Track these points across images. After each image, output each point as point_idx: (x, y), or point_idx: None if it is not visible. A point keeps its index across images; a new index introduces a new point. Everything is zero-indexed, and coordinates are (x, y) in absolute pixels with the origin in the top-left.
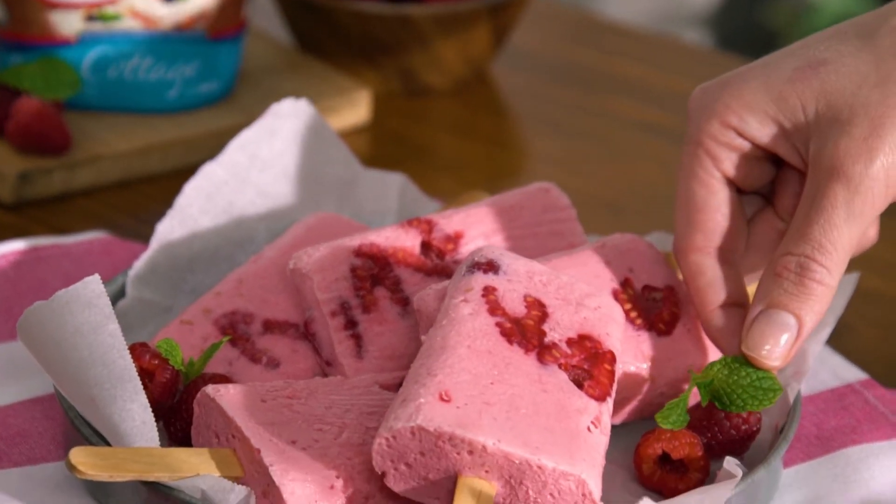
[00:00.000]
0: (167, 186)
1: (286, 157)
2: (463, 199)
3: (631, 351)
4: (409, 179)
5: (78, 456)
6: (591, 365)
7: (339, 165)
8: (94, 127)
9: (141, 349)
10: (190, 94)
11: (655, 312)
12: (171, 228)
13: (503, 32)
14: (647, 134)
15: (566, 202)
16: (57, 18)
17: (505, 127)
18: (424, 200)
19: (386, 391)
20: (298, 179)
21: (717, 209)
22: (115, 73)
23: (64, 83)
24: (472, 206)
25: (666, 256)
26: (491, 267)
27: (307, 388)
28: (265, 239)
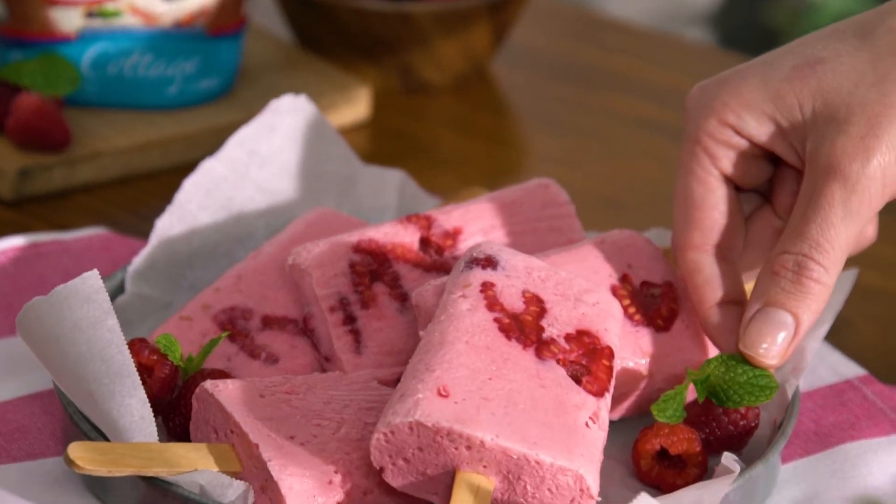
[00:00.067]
0: (167, 183)
1: (285, 153)
2: (462, 195)
3: (629, 347)
4: (408, 176)
5: (76, 451)
6: (589, 360)
7: (338, 162)
8: (94, 123)
9: (140, 345)
10: (190, 90)
11: (654, 308)
12: (170, 224)
13: (503, 30)
14: (646, 131)
15: (565, 198)
16: (57, 15)
17: (505, 124)
18: (423, 197)
19: (384, 387)
20: (298, 176)
21: (714, 207)
22: (115, 69)
23: (64, 80)
24: (470, 202)
25: (664, 252)
26: (489, 263)
27: (306, 383)
28: (264, 235)
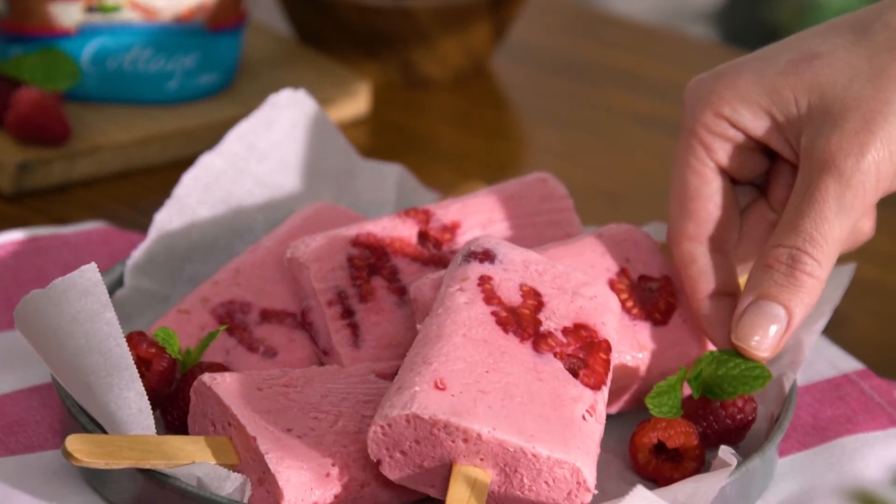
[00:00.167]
0: (167, 177)
1: (284, 147)
2: (461, 189)
3: (627, 340)
4: (407, 170)
5: (74, 443)
6: (586, 354)
7: (336, 156)
8: (93, 118)
9: (138, 338)
10: (189, 85)
11: (651, 302)
12: (169, 218)
13: (503, 25)
14: (645, 126)
15: (563, 192)
16: (57, 10)
17: (504, 119)
18: (422, 191)
19: (382, 380)
20: (296, 170)
21: (710, 198)
22: (114, 64)
23: (64, 74)
24: (469, 196)
25: (663, 247)
26: (487, 256)
27: (303, 376)
28: (263, 229)
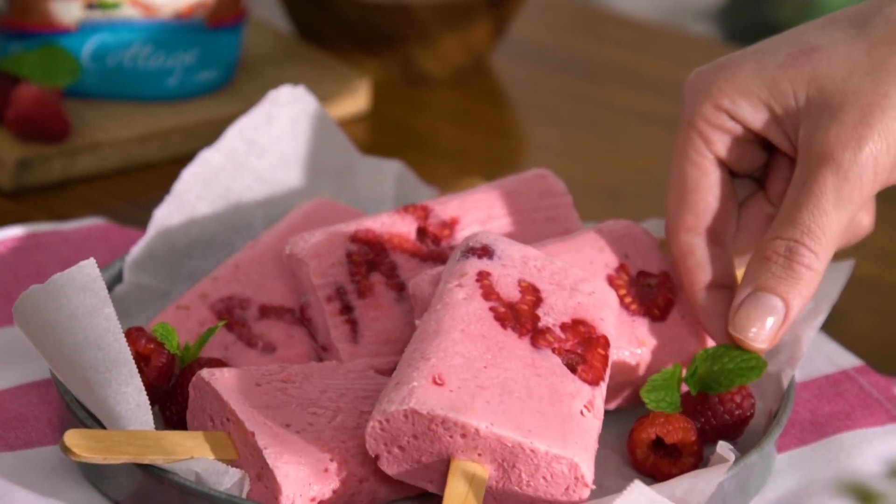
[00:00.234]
0: (166, 174)
1: (284, 143)
2: (460, 186)
3: (625, 336)
4: (406, 167)
5: (72, 438)
6: (584, 349)
7: (336, 152)
8: (93, 114)
9: (137, 333)
10: (189, 82)
11: (650, 298)
12: (168, 214)
13: (503, 23)
14: (645, 123)
15: (562, 188)
16: (57, 7)
17: (504, 116)
18: (421, 187)
19: (381, 375)
20: (296, 166)
21: (708, 190)
22: (114, 61)
23: (63, 71)
24: (468, 192)
25: (662, 243)
26: (485, 252)
27: (302, 372)
28: (262, 225)
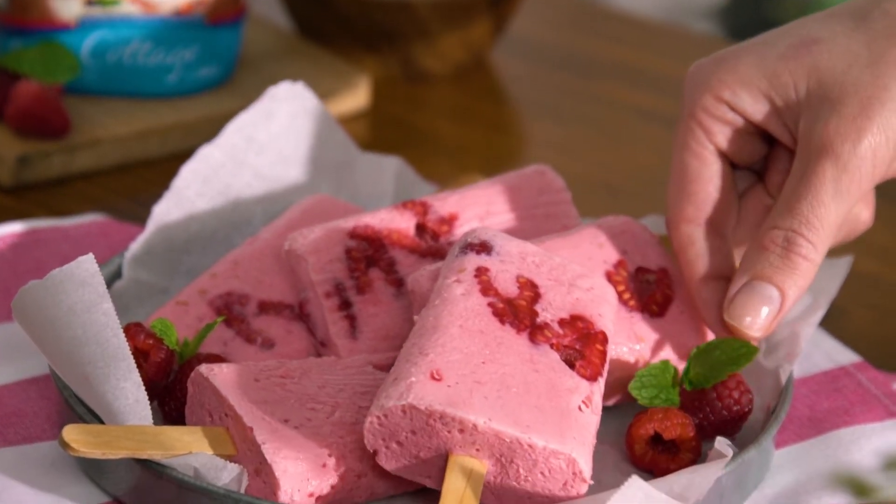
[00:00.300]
0: (166, 170)
1: (283, 140)
2: (459, 182)
3: (624, 332)
4: (405, 163)
5: (71, 433)
6: (582, 345)
7: (335, 148)
8: (93, 111)
9: (136, 329)
10: (189, 78)
11: (649, 294)
12: (167, 210)
13: (503, 20)
14: (644, 119)
15: (561, 184)
16: (57, 3)
17: (504, 113)
18: (420, 184)
19: (379, 371)
20: (295, 162)
21: (709, 181)
22: (114, 57)
23: (63, 67)
24: (467, 188)
25: (660, 239)
26: (484, 248)
27: (300, 367)
28: (261, 221)
